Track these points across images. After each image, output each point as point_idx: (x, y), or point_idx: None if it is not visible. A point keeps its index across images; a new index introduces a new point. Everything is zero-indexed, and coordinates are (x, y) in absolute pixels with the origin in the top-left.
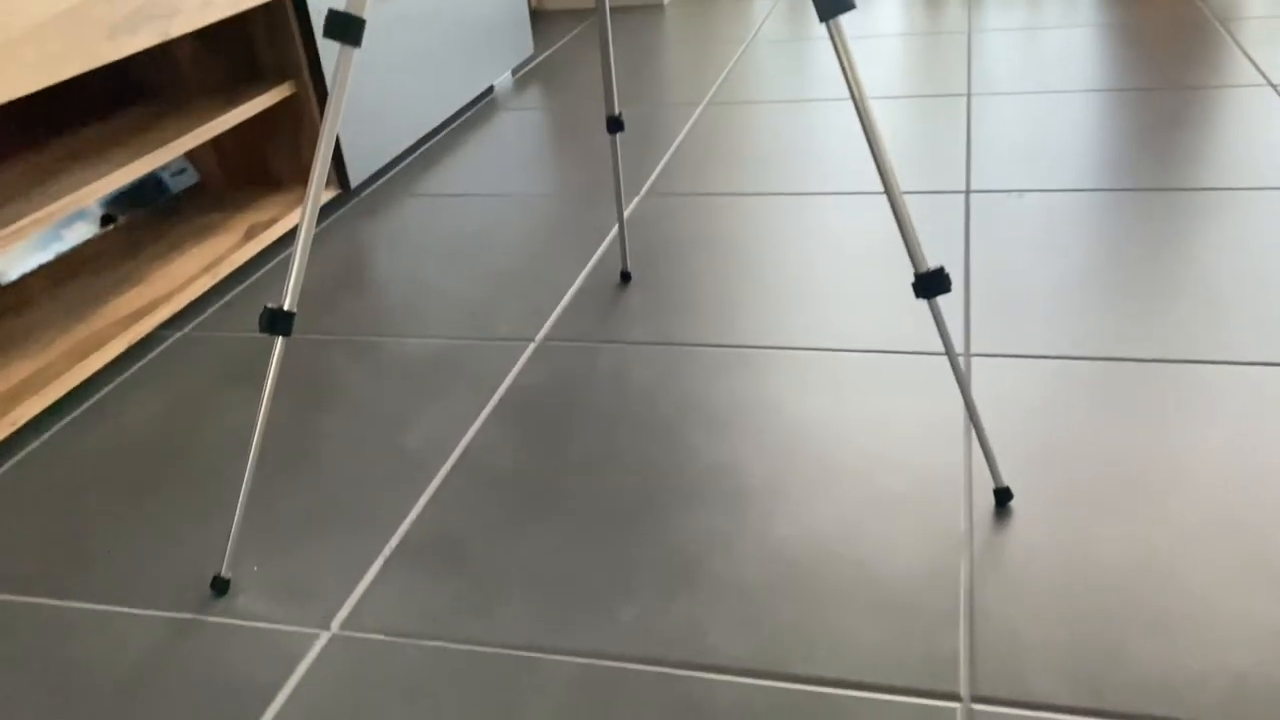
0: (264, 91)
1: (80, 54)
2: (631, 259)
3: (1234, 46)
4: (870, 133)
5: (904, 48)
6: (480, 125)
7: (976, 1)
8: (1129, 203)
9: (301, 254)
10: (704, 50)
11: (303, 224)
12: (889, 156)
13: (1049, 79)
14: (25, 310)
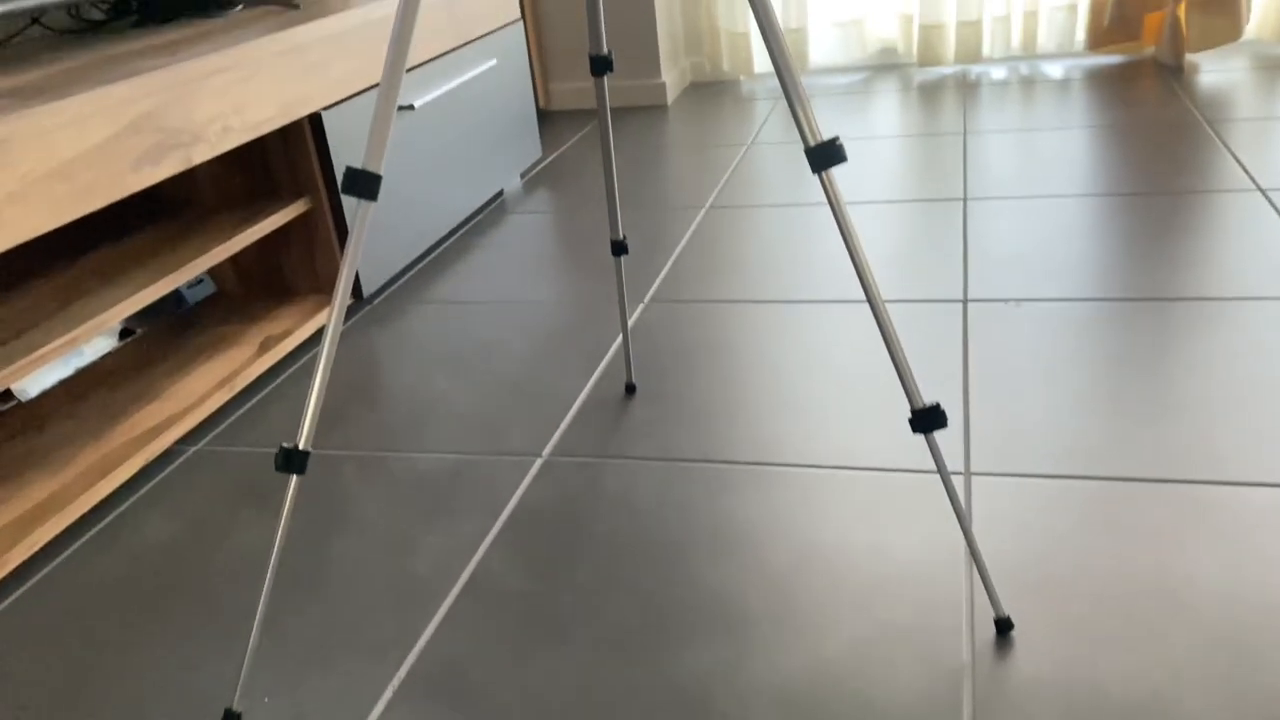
0: (281, 208)
1: (107, 186)
2: (636, 369)
3: (1223, 149)
4: (865, 280)
5: (902, 149)
6: (490, 229)
7: (972, 103)
8: (1123, 313)
9: (316, 397)
10: (706, 152)
11: (318, 370)
12: (884, 307)
13: (1044, 183)
14: (45, 427)
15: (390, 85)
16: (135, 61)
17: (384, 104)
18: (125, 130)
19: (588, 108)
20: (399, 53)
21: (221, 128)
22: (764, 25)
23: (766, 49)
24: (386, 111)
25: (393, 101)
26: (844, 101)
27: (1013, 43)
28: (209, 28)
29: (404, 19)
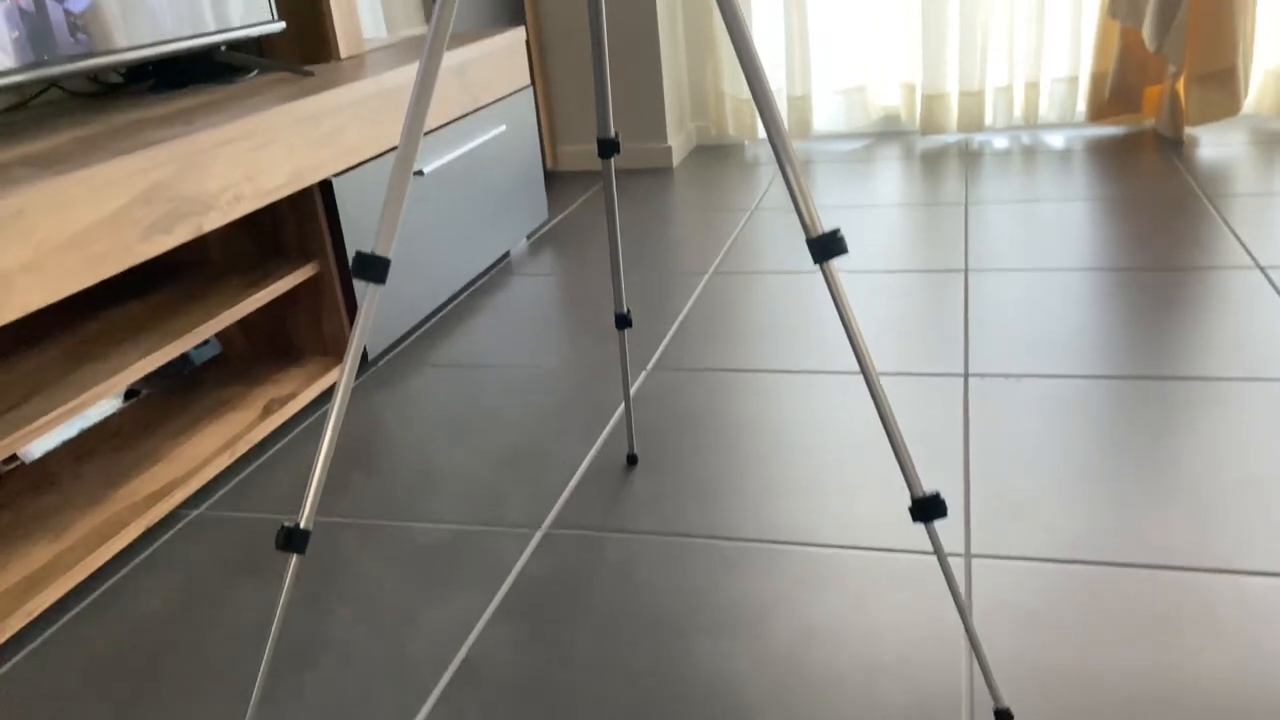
0: (289, 271)
1: (119, 255)
2: (638, 438)
3: (1222, 225)
4: (866, 369)
5: (903, 218)
6: (495, 291)
7: (974, 172)
8: (1123, 391)
9: (319, 478)
10: (710, 216)
11: (320, 452)
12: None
13: (1045, 256)
14: (47, 489)
15: (401, 176)
16: (150, 130)
17: (395, 193)
18: (138, 200)
19: (595, 169)
20: (410, 145)
21: (233, 196)
22: (770, 127)
23: (771, 146)
24: (397, 199)
25: (403, 191)
26: (847, 168)
27: (1015, 113)
28: (224, 94)
29: (413, 119)
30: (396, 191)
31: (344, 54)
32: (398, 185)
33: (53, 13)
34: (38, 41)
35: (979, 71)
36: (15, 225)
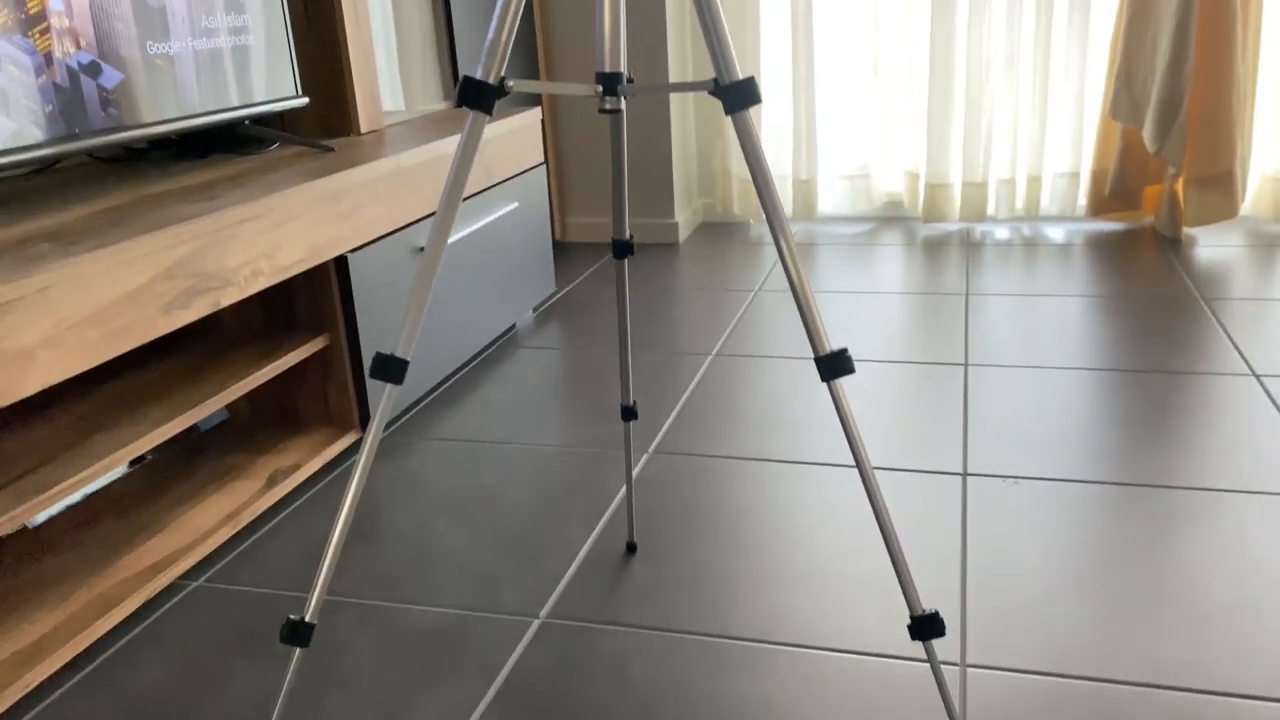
0: (300, 343)
1: (138, 330)
2: (637, 526)
3: (1219, 329)
4: (870, 490)
5: (905, 307)
6: (500, 363)
7: (975, 263)
8: (1120, 498)
9: (327, 572)
10: (714, 295)
11: (329, 550)
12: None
13: (1044, 353)
14: (47, 556)
15: (424, 283)
16: (174, 205)
17: (418, 298)
18: (160, 276)
19: (603, 240)
20: (434, 258)
21: (252, 271)
22: (784, 255)
23: (783, 266)
24: (420, 304)
25: (426, 296)
26: (849, 251)
27: (1016, 204)
28: (246, 166)
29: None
30: (419, 297)
31: (364, 128)
32: (421, 290)
33: (86, 87)
34: (70, 115)
35: (982, 163)
36: (39, 302)
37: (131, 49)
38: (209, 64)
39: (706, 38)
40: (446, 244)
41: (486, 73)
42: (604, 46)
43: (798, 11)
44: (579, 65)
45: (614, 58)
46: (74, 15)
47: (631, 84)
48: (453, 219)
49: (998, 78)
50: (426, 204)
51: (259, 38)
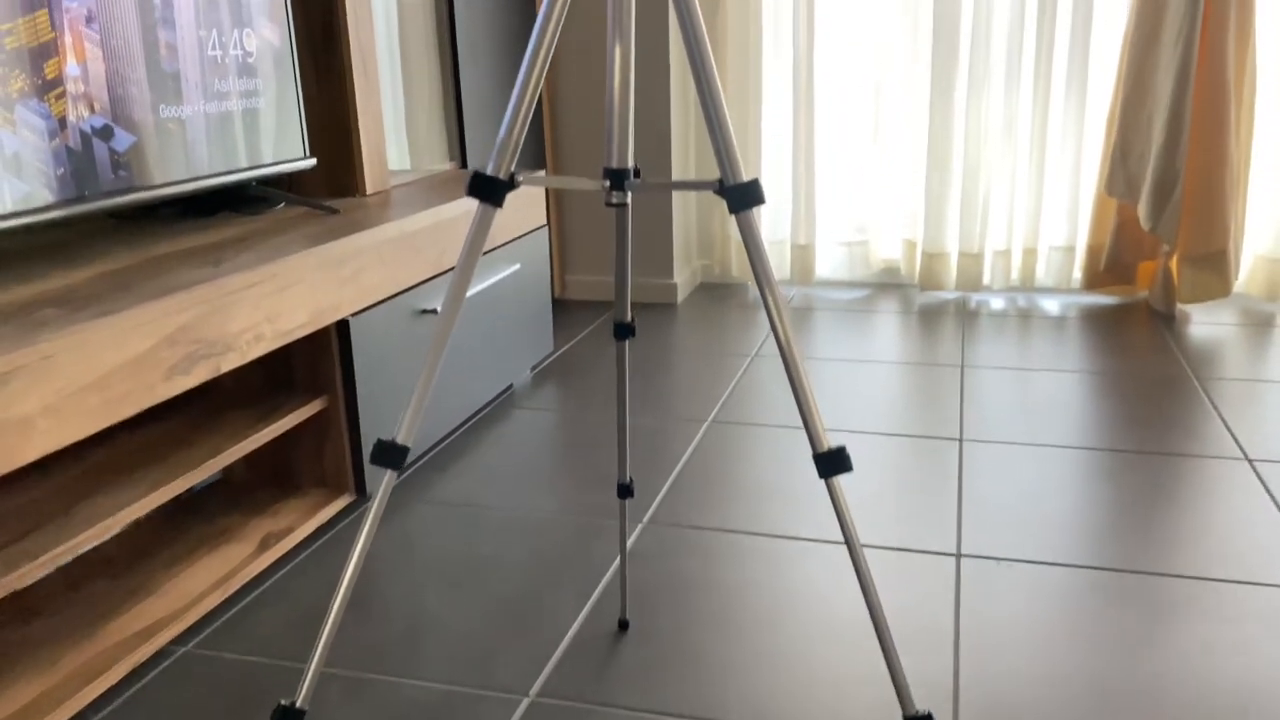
0: (298, 405)
1: (138, 396)
2: (630, 602)
3: (1212, 411)
4: (865, 586)
5: (900, 378)
6: (497, 424)
7: (971, 333)
8: (1112, 585)
9: (318, 660)
10: (711, 359)
11: (321, 638)
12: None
13: (1039, 430)
14: (36, 619)
15: (429, 373)
16: (180, 269)
17: (423, 387)
18: (162, 343)
19: (602, 299)
20: (439, 349)
21: (253, 336)
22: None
23: (783, 363)
24: (422, 394)
25: (430, 384)
26: (846, 317)
27: (1012, 275)
28: (251, 227)
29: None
30: (423, 387)
31: (370, 189)
32: (425, 381)
33: (98, 150)
34: (81, 177)
35: (979, 234)
36: (42, 370)
37: (144, 113)
38: (219, 126)
39: (712, 138)
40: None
41: (497, 169)
42: (612, 143)
43: (799, 79)
44: (585, 156)
45: (621, 154)
46: (90, 80)
47: (638, 180)
48: (458, 312)
49: (995, 150)
50: (429, 267)
51: (269, 100)
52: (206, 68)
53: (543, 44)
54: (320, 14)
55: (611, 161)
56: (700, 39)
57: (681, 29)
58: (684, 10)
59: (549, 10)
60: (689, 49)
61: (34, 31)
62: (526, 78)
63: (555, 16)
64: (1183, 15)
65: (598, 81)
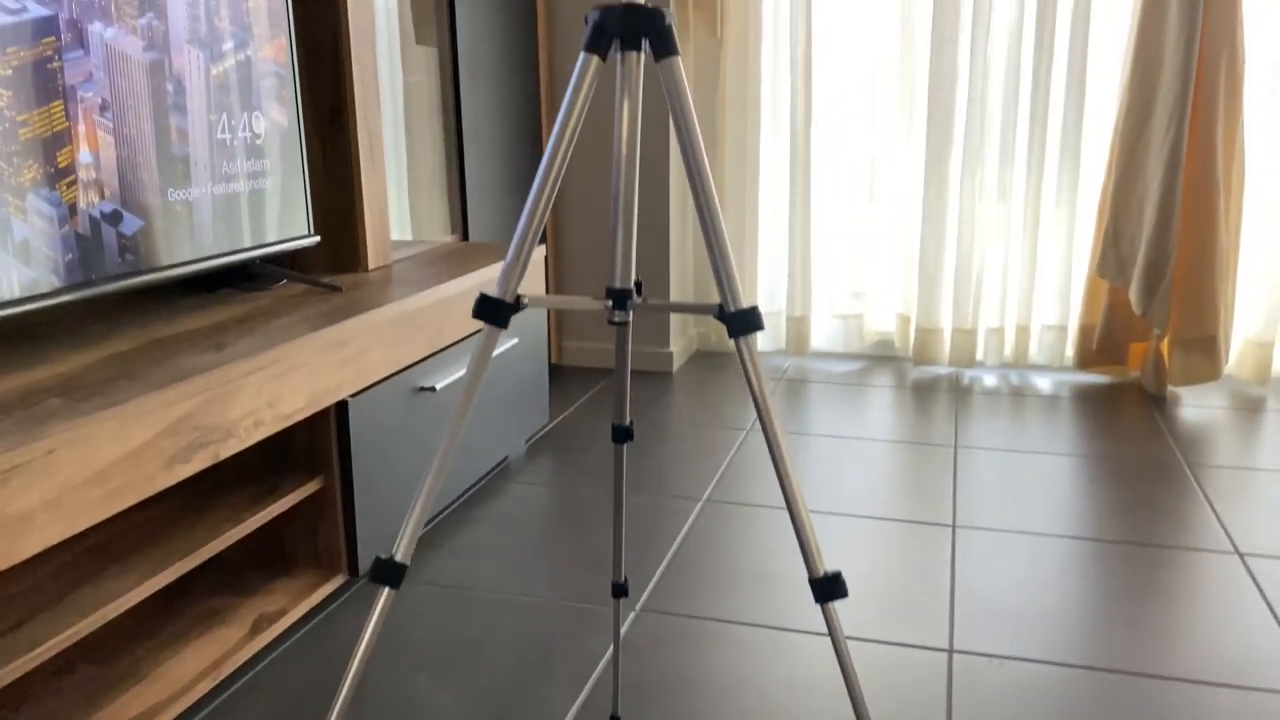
0: (295, 487)
1: (138, 486)
2: (622, 697)
3: (1203, 500)
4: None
5: (893, 457)
6: (490, 498)
7: (964, 411)
8: (1104, 687)
9: None
10: (706, 432)
11: None
12: None
13: (1032, 517)
14: (25, 705)
15: (429, 494)
16: (182, 353)
17: (423, 505)
18: (164, 432)
19: (599, 366)
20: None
21: (253, 422)
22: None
23: (781, 491)
24: (422, 514)
25: (430, 502)
26: (840, 391)
27: (1005, 352)
28: (254, 306)
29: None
30: (423, 507)
31: (372, 265)
32: (426, 499)
33: (106, 235)
34: (88, 262)
35: (972, 311)
36: (45, 466)
37: (153, 196)
38: (225, 207)
39: (712, 261)
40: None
41: (504, 291)
42: (616, 265)
43: (795, 156)
44: (587, 275)
45: (624, 274)
46: (101, 167)
47: (641, 300)
48: (458, 437)
49: (988, 229)
50: (428, 345)
51: (276, 180)
52: (215, 150)
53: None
54: (328, 96)
55: (615, 281)
56: (701, 165)
57: (683, 155)
58: (685, 137)
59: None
60: (690, 174)
61: (49, 122)
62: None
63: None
64: (1173, 103)
65: (600, 187)
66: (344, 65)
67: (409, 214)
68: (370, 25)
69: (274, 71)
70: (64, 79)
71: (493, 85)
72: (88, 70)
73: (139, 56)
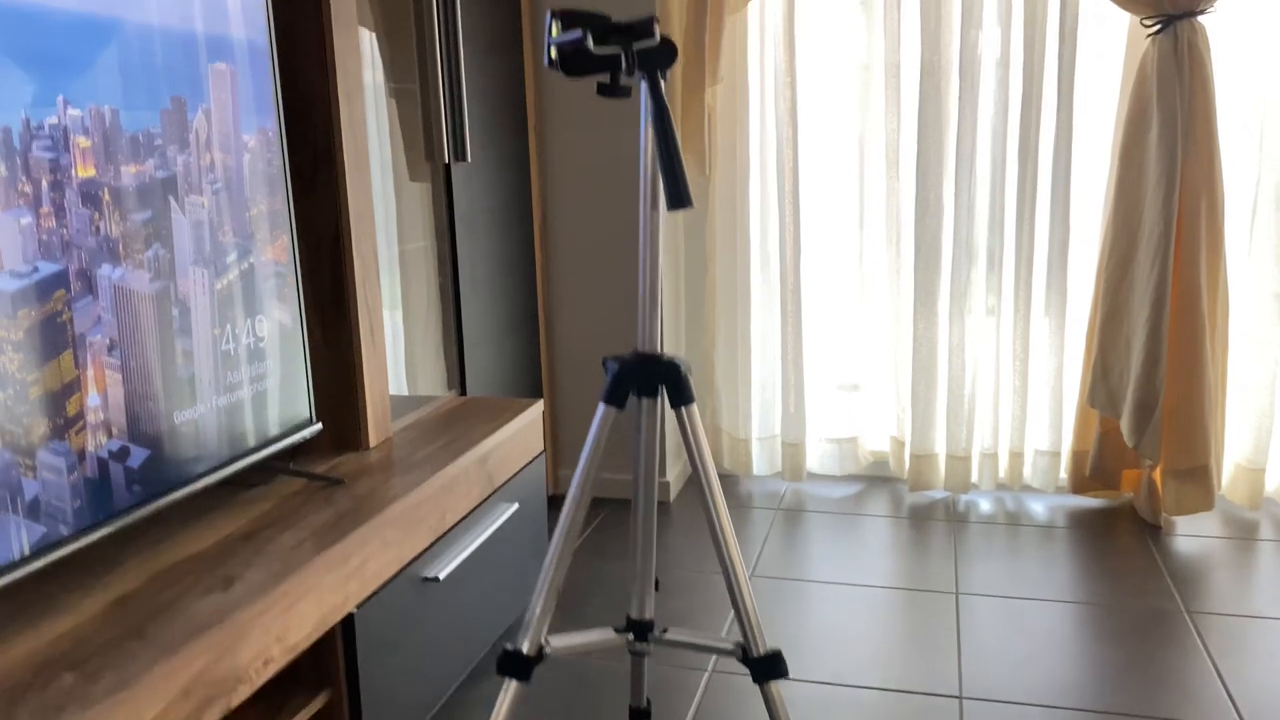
0: (302, 705)
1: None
2: None
3: (1205, 657)
4: None
5: (894, 609)
6: (489, 683)
7: (962, 546)
8: None
9: None
10: (704, 579)
11: None
12: None
13: (1037, 684)
14: None
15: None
16: (191, 593)
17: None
18: (176, 698)
19: (597, 494)
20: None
21: (263, 662)
22: None
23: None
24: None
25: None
26: (836, 524)
27: (999, 475)
28: (256, 513)
29: None
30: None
31: (373, 441)
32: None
33: (114, 473)
34: (96, 504)
35: (965, 438)
36: None
37: (159, 424)
38: (229, 416)
39: (733, 602)
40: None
41: (532, 646)
42: (636, 595)
43: (786, 289)
44: None
45: (645, 604)
46: (109, 407)
47: (663, 635)
48: None
49: (978, 359)
50: (431, 533)
51: (278, 378)
52: (220, 364)
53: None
54: (329, 278)
55: (634, 611)
56: (720, 504)
57: (703, 492)
58: (704, 477)
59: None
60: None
61: (59, 374)
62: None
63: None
64: (1156, 242)
65: None
66: (344, 251)
67: (404, 368)
68: (369, 208)
69: (276, 272)
70: (73, 329)
71: (491, 242)
72: (96, 315)
73: (145, 290)
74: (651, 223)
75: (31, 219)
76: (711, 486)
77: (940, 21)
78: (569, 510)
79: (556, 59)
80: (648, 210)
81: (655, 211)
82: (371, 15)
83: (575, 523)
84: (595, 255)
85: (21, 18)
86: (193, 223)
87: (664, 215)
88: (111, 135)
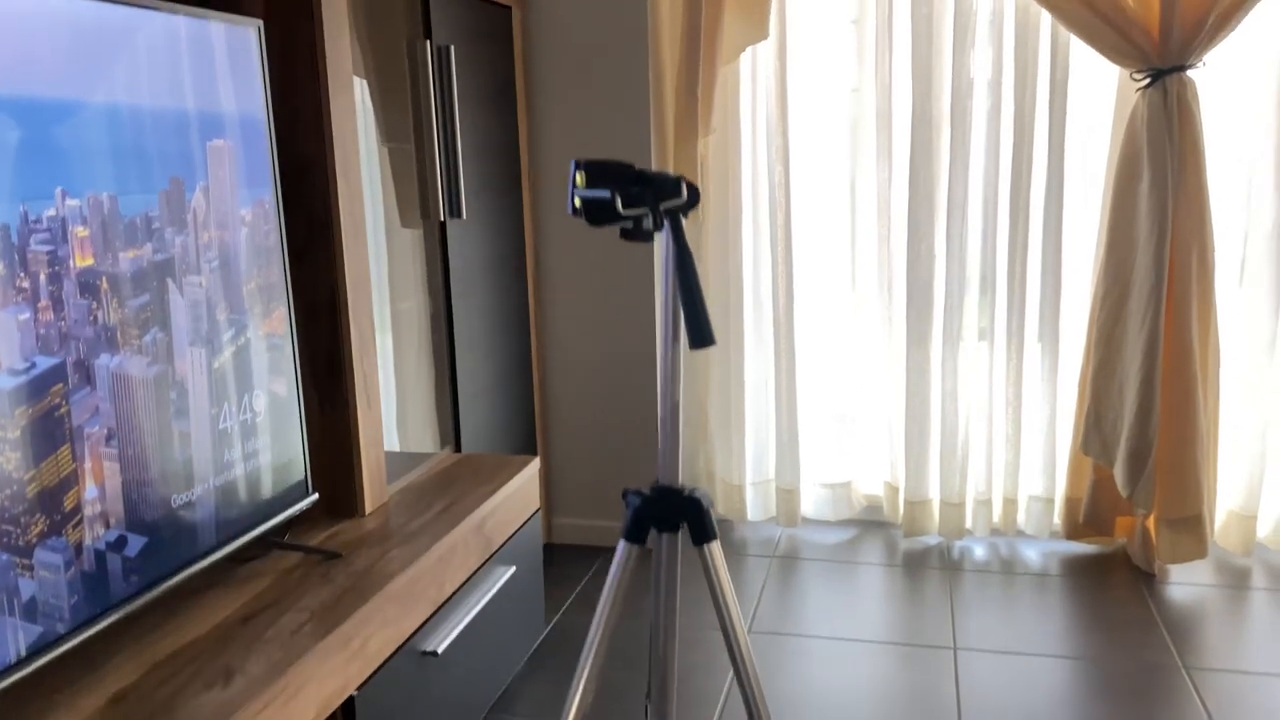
0: None
1: None
2: None
3: (1205, 717)
4: None
5: (893, 667)
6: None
7: (958, 596)
8: None
9: None
10: (701, 638)
11: None
12: None
13: None
14: None
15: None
16: (189, 688)
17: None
18: None
19: (592, 544)
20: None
21: None
22: None
23: None
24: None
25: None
26: (832, 573)
27: (994, 520)
28: (254, 592)
29: None
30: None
31: (369, 508)
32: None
33: (111, 564)
34: (93, 597)
35: (958, 484)
36: None
37: (157, 510)
38: (226, 496)
39: None
40: None
41: None
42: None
43: (780, 336)
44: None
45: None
46: (106, 498)
47: None
48: None
49: (971, 407)
50: (430, 605)
51: (274, 452)
52: (217, 443)
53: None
54: (326, 347)
55: None
56: (745, 648)
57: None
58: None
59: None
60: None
61: (56, 469)
62: None
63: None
64: (1148, 295)
65: None
66: (341, 318)
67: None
68: (365, 274)
69: (272, 344)
70: (71, 422)
71: (486, 298)
72: (94, 405)
73: (143, 375)
74: (672, 356)
75: (30, 314)
76: (735, 630)
77: (932, 72)
78: (586, 659)
79: (582, 209)
80: (669, 345)
81: (676, 345)
82: (366, 73)
83: (591, 676)
84: (589, 307)
85: (20, 110)
86: (190, 303)
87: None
88: (110, 222)
